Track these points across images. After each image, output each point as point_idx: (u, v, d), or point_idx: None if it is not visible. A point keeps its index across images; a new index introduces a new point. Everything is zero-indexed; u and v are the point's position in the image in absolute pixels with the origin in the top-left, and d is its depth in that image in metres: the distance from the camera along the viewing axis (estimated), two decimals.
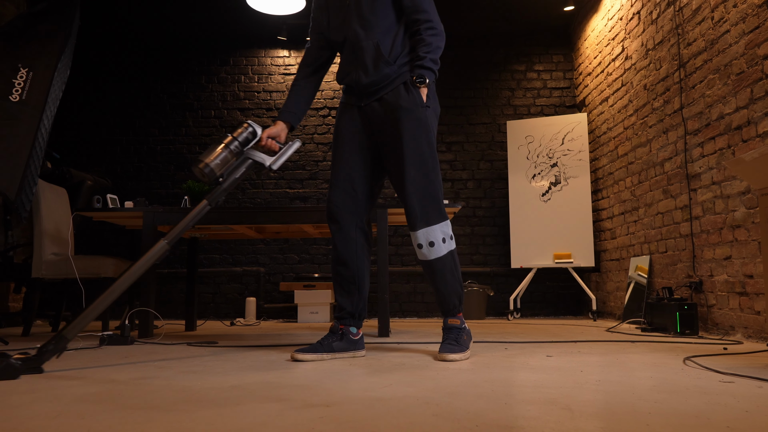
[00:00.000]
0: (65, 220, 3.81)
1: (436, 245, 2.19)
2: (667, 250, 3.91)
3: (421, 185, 2.17)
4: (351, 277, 2.29)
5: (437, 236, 2.19)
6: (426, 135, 2.18)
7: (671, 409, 1.21)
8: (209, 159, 2.11)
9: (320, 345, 2.20)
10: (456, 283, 2.25)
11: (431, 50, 2.18)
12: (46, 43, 2.87)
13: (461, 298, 2.28)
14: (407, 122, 2.17)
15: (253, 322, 5.00)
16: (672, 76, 3.84)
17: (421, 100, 2.18)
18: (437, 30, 2.20)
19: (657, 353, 2.31)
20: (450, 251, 2.23)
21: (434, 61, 2.18)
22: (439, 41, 2.20)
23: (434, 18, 2.22)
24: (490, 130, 5.85)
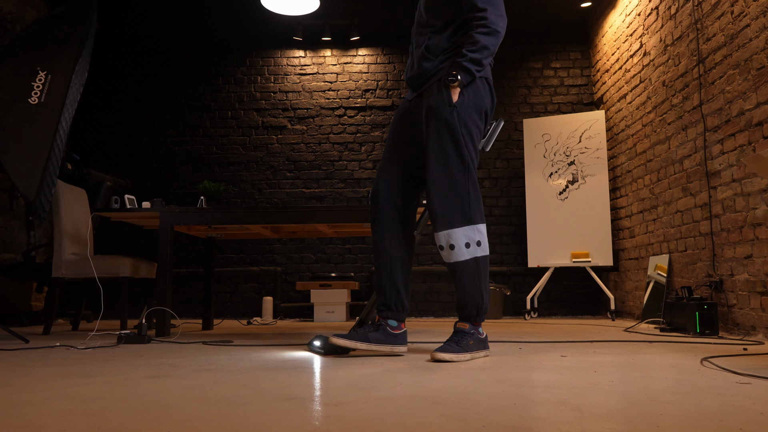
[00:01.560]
0: (84, 220, 3.87)
1: (456, 249, 2.12)
2: (687, 248, 3.85)
3: (444, 185, 2.11)
4: (383, 265, 2.25)
5: (459, 240, 2.11)
6: (451, 135, 2.10)
7: (684, 410, 1.19)
8: None
9: (356, 333, 2.17)
10: (476, 292, 2.14)
11: (476, 49, 2.09)
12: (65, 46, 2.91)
13: (480, 309, 2.16)
14: (433, 121, 2.13)
15: (269, 321, 5.03)
16: (691, 72, 3.78)
17: (450, 100, 2.11)
18: (491, 28, 2.10)
19: (674, 354, 2.27)
20: (474, 258, 2.13)
21: (475, 61, 2.09)
22: (490, 40, 2.10)
23: (492, 15, 2.10)
24: (507, 129, 5.81)
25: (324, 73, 5.99)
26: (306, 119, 5.93)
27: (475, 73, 2.11)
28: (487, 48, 2.10)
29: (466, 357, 2.08)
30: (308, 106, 5.94)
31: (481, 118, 2.18)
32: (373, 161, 5.82)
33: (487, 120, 2.23)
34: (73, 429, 1.07)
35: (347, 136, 5.88)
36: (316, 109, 5.93)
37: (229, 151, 5.90)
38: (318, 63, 6.00)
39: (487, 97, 2.19)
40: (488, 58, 2.14)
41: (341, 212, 3.32)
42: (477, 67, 2.10)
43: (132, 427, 1.08)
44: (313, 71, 6.00)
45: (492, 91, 2.22)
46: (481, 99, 2.16)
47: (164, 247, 3.32)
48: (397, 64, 5.97)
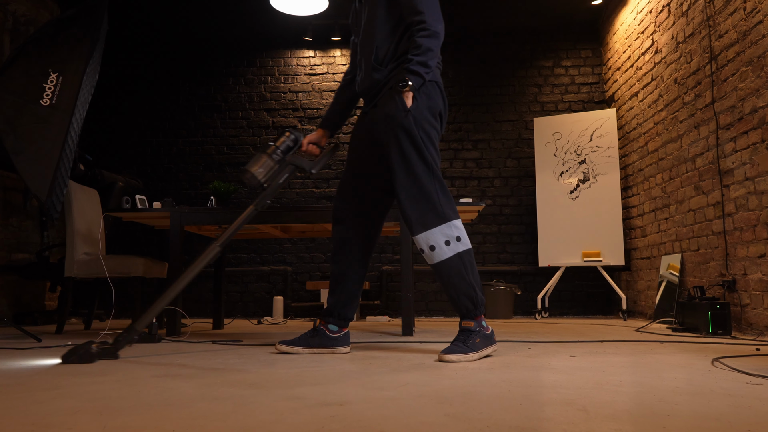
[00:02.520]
0: (96, 220, 3.90)
1: (437, 249, 2.14)
2: (699, 248, 3.81)
3: (413, 190, 2.14)
4: (336, 275, 2.37)
5: (438, 239, 2.13)
6: (410, 139, 2.13)
7: (692, 411, 1.18)
8: (254, 168, 2.30)
9: (298, 339, 2.35)
10: (467, 286, 2.15)
11: (421, 52, 2.11)
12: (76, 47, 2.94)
13: (475, 301, 2.17)
14: (390, 129, 2.15)
15: (280, 320, 5.04)
16: (703, 69, 3.74)
17: (404, 105, 2.12)
18: (431, 31, 2.13)
19: (685, 354, 2.25)
20: (457, 253, 2.15)
21: (422, 63, 2.11)
22: (432, 42, 2.13)
23: (430, 18, 2.14)
24: (517, 128, 5.78)
25: (334, 72, 6.00)
26: (316, 119, 5.94)
27: (425, 75, 2.13)
28: (431, 50, 2.13)
29: (473, 357, 2.08)
30: (318, 106, 5.95)
31: (437, 120, 2.21)
32: None
33: (442, 122, 2.25)
34: (78, 428, 1.08)
35: None
36: (325, 109, 5.93)
37: (240, 152, 5.93)
38: (328, 63, 6.01)
39: (440, 99, 2.22)
40: (434, 60, 2.15)
41: None
42: (425, 69, 2.12)
43: (137, 426, 1.08)
44: (323, 71, 6.01)
45: (443, 94, 2.25)
46: (435, 101, 2.19)
47: (174, 247, 3.34)
48: None
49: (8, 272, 4.65)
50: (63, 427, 1.08)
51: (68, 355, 2.06)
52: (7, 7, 4.94)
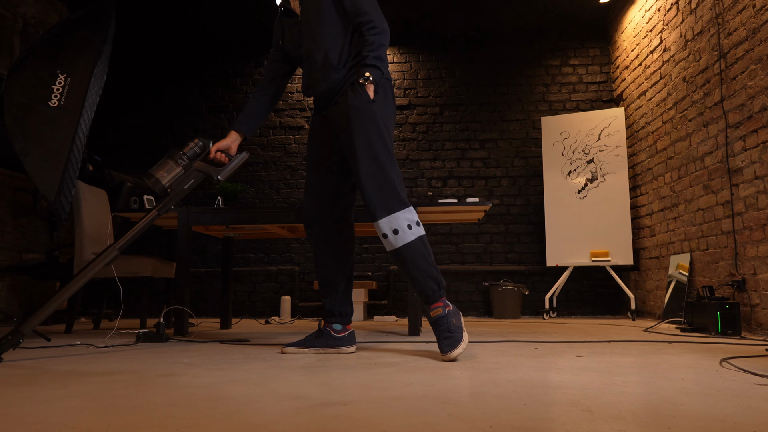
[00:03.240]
0: (105, 221, 3.92)
1: (401, 232, 2.19)
2: (709, 247, 3.79)
3: (377, 176, 2.20)
4: (327, 277, 2.43)
5: (401, 223, 2.19)
6: (375, 128, 2.22)
7: (697, 412, 1.17)
8: (158, 172, 2.35)
9: (304, 341, 2.38)
10: (430, 267, 2.20)
11: (374, 48, 2.23)
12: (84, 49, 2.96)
13: (439, 282, 2.21)
14: (355, 119, 2.23)
15: (287, 320, 5.05)
16: (712, 68, 3.71)
17: (367, 97, 2.22)
18: (379, 28, 2.25)
19: (693, 354, 2.23)
20: (419, 236, 2.21)
21: (378, 57, 2.22)
22: (382, 38, 2.25)
23: (375, 18, 2.27)
24: (525, 127, 5.76)
25: None
26: None
27: (382, 68, 2.24)
28: (383, 45, 2.25)
29: (465, 341, 2.12)
30: None
31: (392, 114, 2.33)
32: None
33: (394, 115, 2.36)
34: (84, 426, 1.09)
35: None
36: None
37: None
38: None
39: (392, 95, 2.34)
40: (386, 55, 2.27)
41: (355, 212, 3.32)
42: (381, 62, 2.23)
43: (141, 425, 1.09)
44: None
45: (392, 91, 2.36)
46: (390, 96, 2.33)
47: (182, 247, 3.35)
48: (414, 63, 5.95)
49: (18, 272, 4.69)
50: (68, 425, 1.09)
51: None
52: (16, 9, 4.99)
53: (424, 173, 5.77)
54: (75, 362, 2.11)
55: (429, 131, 5.84)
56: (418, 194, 5.74)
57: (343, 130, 2.27)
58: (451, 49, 5.95)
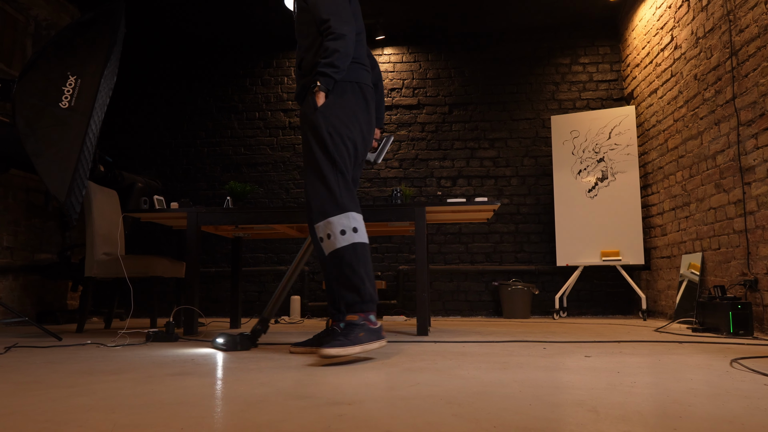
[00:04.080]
0: (116, 221, 3.96)
1: (332, 237, 2.19)
2: (720, 246, 3.75)
3: (316, 183, 2.24)
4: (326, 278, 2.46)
5: (335, 228, 2.19)
6: (318, 136, 2.23)
7: (705, 412, 1.16)
8: None
9: (312, 340, 2.41)
10: (357, 279, 2.15)
11: (328, 54, 2.22)
12: (94, 51, 2.98)
13: (362, 294, 2.15)
14: (304, 126, 2.30)
15: (297, 320, 5.07)
16: (723, 65, 3.67)
17: (314, 104, 2.25)
18: (336, 34, 2.22)
19: (704, 355, 2.21)
20: (352, 243, 2.18)
21: (329, 64, 2.21)
22: (338, 44, 2.21)
23: (334, 23, 2.23)
24: (534, 126, 5.74)
25: None
26: None
27: (334, 75, 2.23)
28: (337, 50, 2.21)
29: (356, 350, 2.03)
30: None
31: (352, 118, 2.29)
32: (399, 160, 5.81)
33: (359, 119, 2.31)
34: (90, 425, 1.10)
35: None
36: None
37: (257, 152, 5.97)
38: None
39: (357, 98, 2.31)
40: (343, 60, 2.23)
41: (364, 211, 3.32)
42: (333, 69, 2.21)
43: (146, 424, 1.10)
44: None
45: (365, 94, 2.34)
46: (349, 100, 2.29)
47: (191, 247, 3.37)
48: (423, 62, 5.95)
49: (31, 272, 4.74)
50: (75, 424, 1.10)
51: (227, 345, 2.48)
52: (29, 11, 5.04)
53: (433, 173, 5.76)
54: (85, 361, 2.13)
55: (438, 130, 5.83)
56: (427, 194, 5.73)
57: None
58: (460, 48, 5.93)
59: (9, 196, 4.62)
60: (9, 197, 4.61)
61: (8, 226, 4.58)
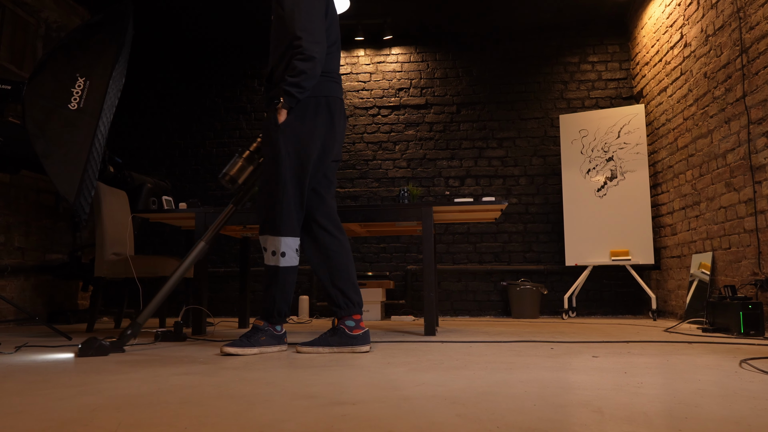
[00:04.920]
0: (125, 221, 3.98)
1: (267, 253, 2.38)
2: (731, 246, 3.71)
3: (264, 197, 2.36)
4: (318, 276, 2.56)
5: (269, 246, 2.36)
6: (275, 153, 2.32)
7: (711, 413, 1.15)
8: (232, 171, 2.49)
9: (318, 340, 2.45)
10: (268, 297, 2.36)
11: (295, 74, 2.24)
12: (102, 53, 3.00)
13: (270, 312, 2.37)
14: (263, 140, 2.39)
15: (305, 319, 5.08)
16: (734, 63, 3.64)
17: (275, 120, 2.31)
18: (305, 54, 2.23)
19: (713, 355, 2.19)
20: (275, 266, 2.35)
21: (295, 84, 2.24)
22: (306, 65, 2.23)
23: (306, 42, 2.23)
24: (543, 125, 5.71)
25: (357, 72, 6.01)
26: None
27: (297, 95, 2.27)
28: (304, 72, 2.24)
29: (253, 351, 2.29)
30: None
31: (311, 137, 2.35)
32: (407, 160, 5.81)
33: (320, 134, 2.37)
34: (95, 424, 1.10)
35: (381, 135, 5.89)
36: (350, 108, 5.96)
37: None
38: (351, 63, 6.03)
39: (320, 114, 2.36)
40: (309, 81, 2.26)
41: (372, 211, 3.32)
42: (297, 89, 2.26)
43: (151, 423, 1.10)
44: (346, 71, 6.03)
45: (330, 108, 2.38)
46: (310, 118, 2.34)
47: None
48: (431, 62, 5.94)
49: (42, 272, 4.79)
50: (80, 423, 1.11)
51: (84, 350, 2.28)
52: (39, 14, 5.08)
53: (441, 172, 5.75)
54: (92, 361, 2.14)
55: (446, 130, 5.82)
56: (435, 193, 5.72)
57: None
58: (468, 47, 5.92)
59: (20, 197, 4.66)
60: (20, 198, 4.66)
61: (19, 227, 4.62)
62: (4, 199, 4.49)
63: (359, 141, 5.90)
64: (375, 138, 5.89)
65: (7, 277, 4.45)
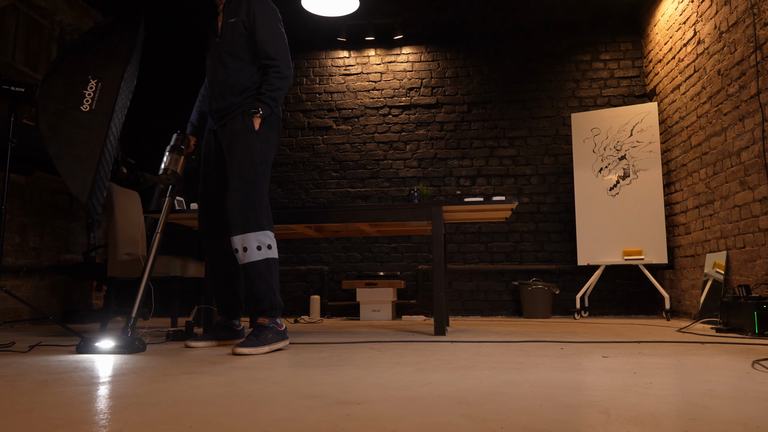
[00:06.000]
0: (137, 221, 4.02)
1: (249, 251, 2.43)
2: (745, 245, 3.67)
3: (240, 199, 2.45)
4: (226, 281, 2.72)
5: (251, 243, 2.43)
6: (250, 155, 2.49)
7: (719, 415, 1.14)
8: (177, 167, 2.69)
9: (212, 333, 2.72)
10: (268, 290, 2.44)
11: (272, 89, 2.50)
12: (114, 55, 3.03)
13: (274, 305, 2.45)
14: (237, 144, 2.50)
15: (316, 319, 5.09)
16: (748, 59, 3.59)
17: (252, 127, 2.50)
18: (283, 74, 2.53)
19: (725, 356, 2.17)
20: (265, 259, 2.44)
21: (273, 98, 2.50)
22: (283, 84, 2.53)
23: (283, 65, 2.54)
24: (554, 124, 5.68)
25: (368, 72, 6.02)
26: (351, 119, 5.97)
27: (273, 108, 2.52)
28: (281, 89, 2.53)
29: (264, 350, 2.34)
30: (353, 106, 5.98)
31: (273, 147, 2.61)
32: (418, 160, 5.80)
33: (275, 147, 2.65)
34: (101, 423, 1.11)
35: (392, 135, 5.88)
36: (360, 108, 5.97)
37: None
38: (362, 63, 6.04)
39: (277, 129, 2.62)
40: (282, 97, 2.57)
41: (381, 210, 3.32)
42: (274, 103, 2.52)
43: (157, 422, 1.11)
44: (357, 71, 6.03)
45: (279, 125, 2.64)
46: (274, 131, 2.59)
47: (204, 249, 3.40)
48: (441, 61, 5.93)
49: (57, 272, 4.84)
50: (87, 422, 1.12)
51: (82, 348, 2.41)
52: (54, 17, 5.14)
53: (452, 172, 5.74)
54: (103, 360, 2.16)
55: (457, 129, 5.80)
56: (446, 193, 5.71)
57: (227, 150, 2.54)
58: (479, 46, 5.90)
59: (35, 198, 4.72)
60: (35, 199, 4.72)
61: (34, 228, 4.68)
62: (20, 200, 4.55)
63: (370, 141, 5.90)
64: (386, 138, 5.89)
65: (22, 276, 4.51)
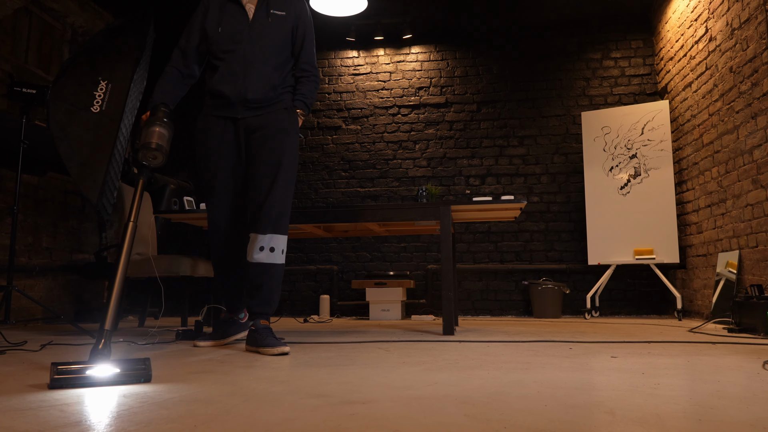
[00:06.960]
0: (148, 222, 4.05)
1: (275, 252, 2.46)
2: (758, 244, 3.63)
3: (282, 196, 2.47)
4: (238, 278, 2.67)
5: (278, 245, 2.46)
6: (295, 155, 2.54)
7: (726, 416, 1.12)
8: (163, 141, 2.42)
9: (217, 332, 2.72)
10: (278, 294, 2.51)
11: (311, 96, 2.61)
12: (123, 56, 3.05)
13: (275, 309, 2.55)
14: (286, 142, 2.51)
15: (326, 319, 5.10)
16: (760, 57, 3.55)
17: (297, 126, 2.57)
18: (318, 82, 2.66)
19: (736, 356, 2.14)
20: (282, 263, 2.50)
21: (310, 104, 2.61)
22: (316, 91, 2.66)
23: (317, 72, 2.67)
24: (564, 122, 5.65)
25: (377, 72, 6.02)
26: (360, 119, 5.97)
27: (308, 111, 2.62)
28: (315, 98, 2.65)
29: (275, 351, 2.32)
30: (362, 105, 5.98)
31: None
32: (427, 159, 5.79)
33: None
34: (106, 421, 1.12)
35: (401, 134, 5.88)
36: (369, 108, 5.97)
37: None
38: (371, 62, 6.04)
39: None
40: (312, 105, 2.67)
41: (389, 210, 3.32)
42: (309, 108, 2.62)
43: (162, 420, 1.12)
44: (366, 71, 6.03)
45: None
46: None
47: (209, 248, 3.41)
48: (451, 60, 5.91)
49: (69, 272, 4.89)
50: (87, 423, 1.13)
51: None
52: (65, 19, 5.19)
53: (461, 171, 5.73)
54: None
55: (466, 129, 5.79)
56: (455, 192, 5.70)
57: (267, 144, 2.49)
58: (488, 45, 5.88)
59: (48, 198, 4.77)
60: (48, 200, 4.77)
61: (47, 228, 4.73)
62: (32, 200, 4.60)
63: (379, 140, 5.90)
64: (395, 137, 5.89)
65: (35, 276, 4.56)
